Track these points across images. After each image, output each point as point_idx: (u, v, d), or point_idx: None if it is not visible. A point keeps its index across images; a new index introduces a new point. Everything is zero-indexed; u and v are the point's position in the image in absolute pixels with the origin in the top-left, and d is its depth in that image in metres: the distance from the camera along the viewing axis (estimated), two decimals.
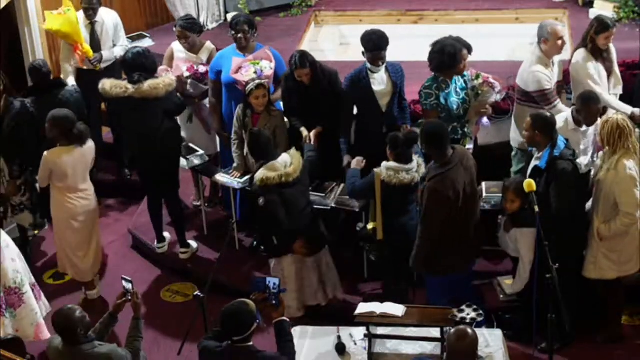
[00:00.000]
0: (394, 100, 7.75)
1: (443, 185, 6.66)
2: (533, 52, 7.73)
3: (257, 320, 5.44)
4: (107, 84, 7.82)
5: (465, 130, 7.63)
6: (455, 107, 7.55)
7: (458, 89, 7.62)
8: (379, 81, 7.68)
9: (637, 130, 7.22)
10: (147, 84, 7.73)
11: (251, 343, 5.46)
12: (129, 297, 5.93)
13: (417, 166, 7.08)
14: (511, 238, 6.97)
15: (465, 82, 7.68)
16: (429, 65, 7.57)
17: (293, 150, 7.30)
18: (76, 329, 5.52)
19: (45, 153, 7.51)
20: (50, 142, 7.60)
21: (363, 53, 7.67)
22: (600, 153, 6.97)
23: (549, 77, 7.58)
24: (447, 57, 7.43)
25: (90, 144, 7.65)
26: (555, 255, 6.18)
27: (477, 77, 7.72)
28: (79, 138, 7.49)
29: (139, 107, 7.75)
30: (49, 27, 8.82)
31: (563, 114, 7.33)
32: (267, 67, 7.93)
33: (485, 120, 7.87)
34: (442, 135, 6.77)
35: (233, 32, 8.17)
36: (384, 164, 7.05)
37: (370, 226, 7.25)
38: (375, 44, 7.57)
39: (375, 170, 7.06)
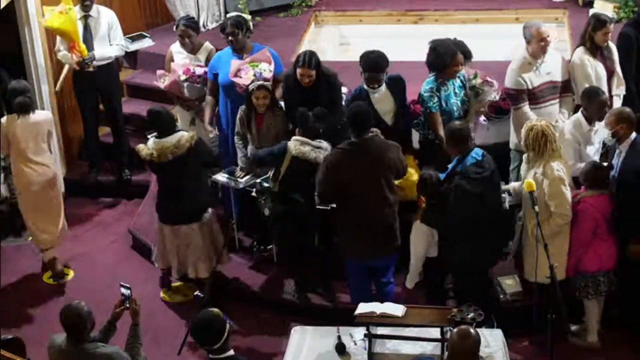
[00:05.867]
0: (398, 114, 7.65)
1: (333, 161, 6.80)
2: (518, 51, 7.72)
3: (229, 323, 5.23)
4: None
5: None
6: (455, 109, 7.54)
7: (456, 90, 7.59)
8: (381, 98, 7.55)
9: None
10: None
11: (231, 351, 5.21)
12: (127, 305, 5.84)
13: (324, 149, 7.22)
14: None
15: (462, 81, 7.65)
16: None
17: (186, 134, 7.48)
18: (85, 324, 5.51)
19: (2, 119, 8.01)
20: None
21: (361, 73, 7.52)
22: (524, 157, 7.02)
23: (523, 80, 7.55)
24: (435, 56, 7.40)
25: (43, 116, 8.13)
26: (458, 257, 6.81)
27: (475, 76, 7.70)
28: (20, 109, 7.92)
29: None
30: (49, 24, 8.75)
31: (573, 117, 7.33)
32: (267, 70, 7.90)
33: (482, 119, 7.86)
34: (364, 118, 6.82)
35: (224, 37, 8.18)
36: (294, 137, 7.28)
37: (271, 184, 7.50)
38: (372, 63, 7.40)
39: (289, 143, 7.25)
